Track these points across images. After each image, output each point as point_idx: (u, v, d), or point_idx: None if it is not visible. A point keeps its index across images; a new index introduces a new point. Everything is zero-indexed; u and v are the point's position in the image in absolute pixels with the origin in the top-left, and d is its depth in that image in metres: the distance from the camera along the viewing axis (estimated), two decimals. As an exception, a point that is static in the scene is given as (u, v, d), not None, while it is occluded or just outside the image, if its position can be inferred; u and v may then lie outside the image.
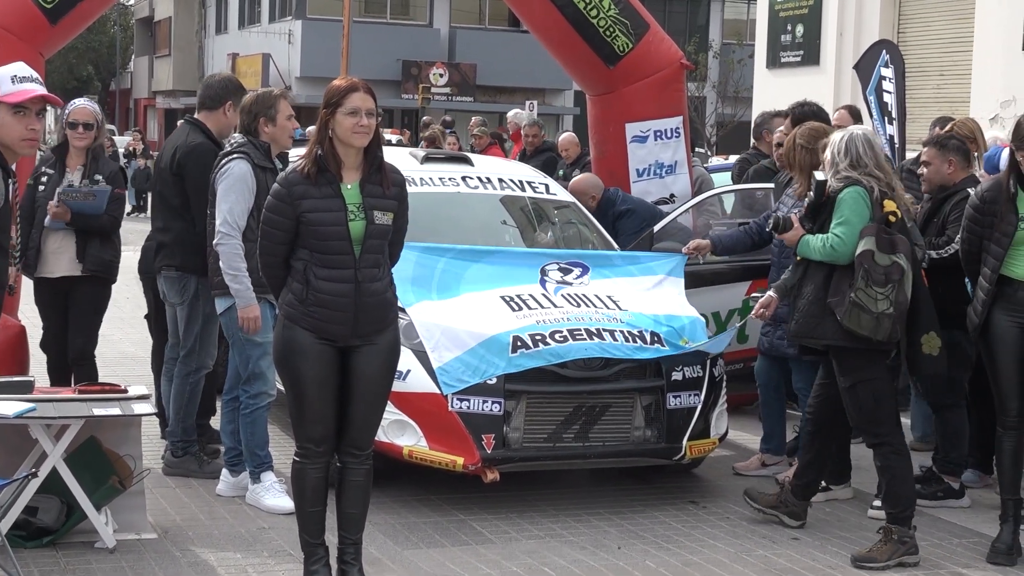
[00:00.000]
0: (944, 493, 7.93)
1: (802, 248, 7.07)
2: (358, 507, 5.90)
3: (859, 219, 6.85)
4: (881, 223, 6.84)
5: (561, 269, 8.17)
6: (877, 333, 6.73)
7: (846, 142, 6.97)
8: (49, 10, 9.64)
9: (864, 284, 6.70)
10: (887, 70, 11.71)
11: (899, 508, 6.92)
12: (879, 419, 6.95)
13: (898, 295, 6.73)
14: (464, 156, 10.19)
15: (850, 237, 6.82)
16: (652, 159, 11.12)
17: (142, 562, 6.37)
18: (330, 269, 5.68)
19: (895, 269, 6.73)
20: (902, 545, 6.83)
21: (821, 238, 6.94)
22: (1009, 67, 14.73)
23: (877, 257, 6.73)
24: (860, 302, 6.71)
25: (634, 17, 10.88)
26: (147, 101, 64.73)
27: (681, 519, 7.49)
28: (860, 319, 6.72)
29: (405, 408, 7.28)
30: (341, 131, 5.67)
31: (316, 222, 5.65)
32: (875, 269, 6.70)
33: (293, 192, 5.67)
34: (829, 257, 6.90)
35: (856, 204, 6.87)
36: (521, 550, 6.82)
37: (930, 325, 7.00)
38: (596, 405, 7.50)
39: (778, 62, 19.21)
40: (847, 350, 6.89)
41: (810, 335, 7.02)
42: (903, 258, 6.78)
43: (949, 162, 7.92)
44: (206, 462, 7.94)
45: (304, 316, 5.70)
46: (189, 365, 7.86)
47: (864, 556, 6.81)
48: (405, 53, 44.60)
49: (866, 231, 6.79)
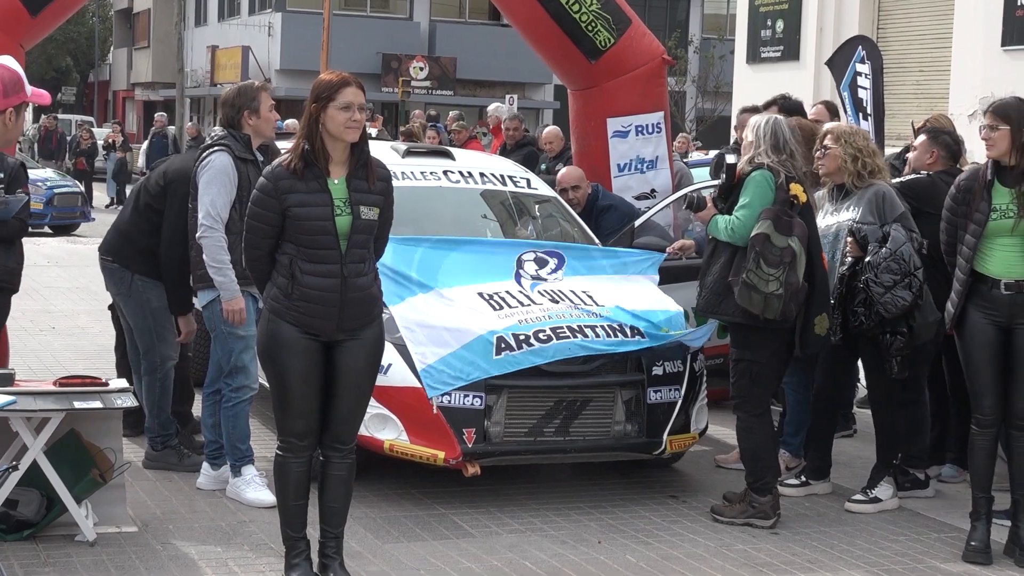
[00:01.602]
0: (911, 484, 8.01)
1: (711, 227, 7.36)
2: (340, 501, 5.90)
3: (761, 202, 7.16)
4: (784, 205, 7.12)
5: (536, 260, 8.16)
6: (766, 312, 7.02)
7: (772, 126, 7.27)
8: (29, 2, 9.60)
9: (755, 265, 7.01)
10: (863, 66, 11.73)
11: (752, 479, 7.33)
12: (750, 397, 7.32)
13: (788, 276, 7.01)
14: (445, 150, 10.18)
15: (749, 220, 7.13)
16: (633, 154, 11.14)
17: (122, 555, 6.36)
18: (316, 264, 5.67)
19: (788, 252, 7.00)
20: (751, 508, 7.28)
21: (725, 219, 7.24)
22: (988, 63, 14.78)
23: (774, 239, 7.02)
24: (751, 282, 7.02)
25: (616, 12, 10.89)
26: (126, 93, 64.48)
27: (661, 513, 7.50)
28: (751, 298, 7.02)
29: (386, 402, 7.28)
30: (333, 126, 5.65)
31: (302, 216, 5.64)
32: (770, 250, 7.00)
33: (279, 186, 5.65)
34: (729, 238, 7.22)
35: (760, 188, 7.18)
36: (502, 544, 6.83)
37: (823, 307, 7.29)
38: (577, 400, 7.51)
39: (758, 57, 19.25)
40: (743, 327, 7.20)
41: (714, 311, 7.35)
42: (796, 241, 7.04)
43: (932, 153, 8.08)
44: (186, 455, 7.93)
45: (289, 310, 5.69)
46: (152, 361, 7.85)
47: (716, 508, 7.41)
48: (385, 46, 44.49)
49: (765, 213, 7.11)
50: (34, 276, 16.66)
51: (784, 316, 7.07)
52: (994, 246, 6.83)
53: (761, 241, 7.01)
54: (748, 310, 7.06)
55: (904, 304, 7.33)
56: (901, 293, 7.31)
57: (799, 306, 7.14)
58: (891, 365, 7.54)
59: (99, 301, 14.65)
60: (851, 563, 6.80)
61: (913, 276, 7.32)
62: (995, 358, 6.89)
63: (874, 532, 7.34)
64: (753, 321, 7.11)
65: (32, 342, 11.99)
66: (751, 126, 7.41)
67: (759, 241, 7.02)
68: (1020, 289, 6.80)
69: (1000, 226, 6.78)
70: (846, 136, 7.75)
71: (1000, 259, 6.82)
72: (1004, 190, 6.80)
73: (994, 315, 6.86)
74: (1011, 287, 6.81)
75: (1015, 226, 6.74)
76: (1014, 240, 6.78)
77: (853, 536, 7.24)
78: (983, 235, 6.81)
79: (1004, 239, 6.80)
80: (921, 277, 7.34)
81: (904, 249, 7.34)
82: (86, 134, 35.15)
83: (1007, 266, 6.82)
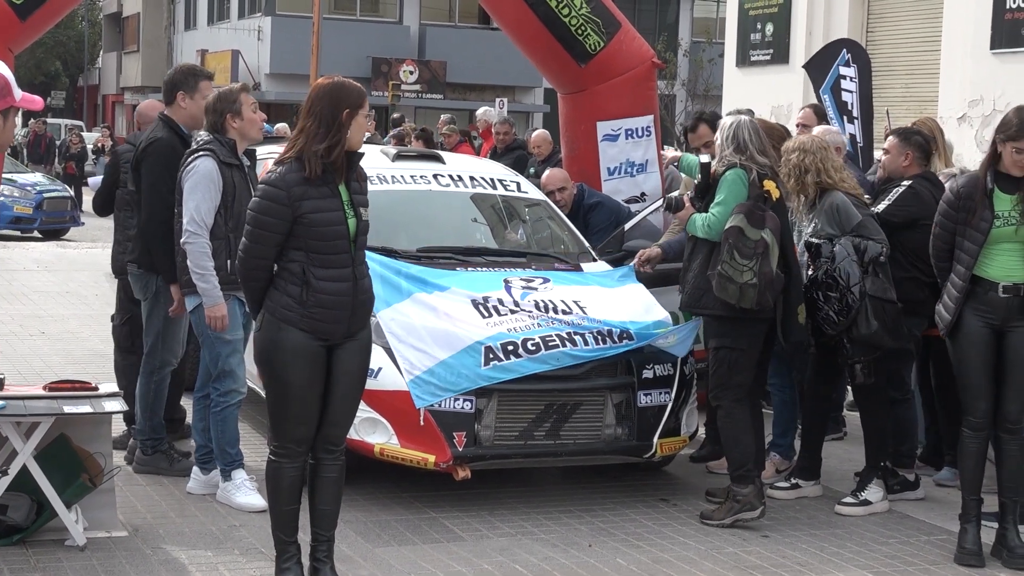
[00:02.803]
0: (900, 486, 8.02)
1: (689, 226, 7.60)
2: (331, 503, 5.90)
3: (735, 199, 7.37)
4: (757, 200, 7.35)
5: (524, 279, 8.14)
6: (743, 301, 7.22)
7: (734, 129, 7.50)
8: (19, 6, 9.60)
9: (729, 257, 7.24)
10: (847, 69, 11.74)
11: (732, 468, 7.43)
12: (728, 386, 7.45)
13: (762, 266, 7.22)
14: (435, 154, 10.17)
15: (724, 215, 7.35)
16: (623, 157, 11.14)
17: (113, 560, 6.35)
18: (330, 269, 5.66)
19: (760, 243, 7.21)
20: (736, 503, 7.34)
21: (702, 216, 7.47)
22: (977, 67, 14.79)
23: (747, 231, 7.23)
24: (726, 273, 7.23)
25: (605, 15, 10.90)
26: (115, 97, 64.40)
27: (652, 517, 7.51)
28: (727, 288, 7.23)
29: (377, 406, 7.28)
30: (358, 133, 5.68)
31: (319, 223, 5.62)
32: (744, 242, 7.22)
33: (293, 193, 5.60)
34: (706, 234, 7.43)
35: (734, 185, 7.40)
36: (493, 548, 6.83)
37: (801, 297, 7.55)
38: (567, 403, 7.51)
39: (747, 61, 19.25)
40: (722, 317, 7.38)
41: (696, 305, 7.54)
42: (769, 233, 7.26)
43: (906, 155, 8.08)
44: (176, 460, 7.92)
45: (304, 317, 5.65)
46: (152, 363, 7.84)
47: (706, 513, 7.46)
48: (375, 50, 44.50)
49: (738, 208, 7.32)
50: (24, 281, 16.64)
51: (760, 305, 7.25)
52: (995, 251, 6.87)
53: (735, 234, 7.24)
54: (726, 301, 7.24)
55: (835, 321, 7.51)
56: (834, 309, 7.50)
57: (775, 295, 7.32)
58: (854, 373, 7.67)
59: (88, 306, 14.67)
60: (841, 566, 6.81)
61: (849, 292, 7.45)
62: (988, 360, 6.91)
63: (864, 535, 7.35)
64: (732, 312, 7.29)
65: (22, 347, 11.97)
66: (719, 129, 7.64)
67: (732, 234, 7.24)
68: (1017, 292, 6.83)
69: (1003, 233, 6.83)
70: (787, 153, 7.82)
71: (1000, 263, 6.86)
72: (1005, 197, 6.84)
73: (989, 317, 6.88)
74: (1009, 290, 6.84)
75: (1017, 231, 6.80)
76: (1014, 245, 6.83)
77: (843, 539, 7.25)
78: (986, 242, 6.84)
79: (1005, 244, 6.84)
80: (857, 292, 7.44)
81: (843, 265, 7.49)
82: (76, 138, 35.12)
83: (1007, 270, 6.86)
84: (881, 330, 7.44)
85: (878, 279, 7.47)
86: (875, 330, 7.43)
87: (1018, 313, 6.84)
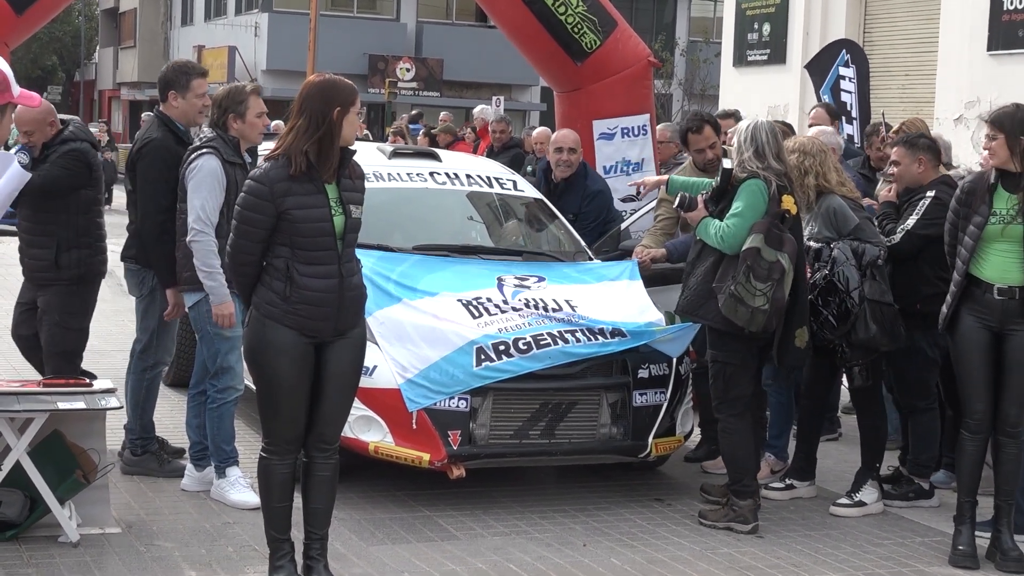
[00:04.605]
0: (915, 494, 7.98)
1: (700, 229, 7.35)
2: (325, 501, 5.89)
3: (753, 213, 7.13)
4: (776, 218, 7.13)
5: (517, 278, 8.13)
6: (751, 325, 7.06)
7: (751, 131, 7.25)
8: (14, 1, 9.58)
9: (745, 279, 7.02)
10: (847, 70, 11.76)
11: (730, 481, 7.38)
12: (726, 399, 7.35)
13: (776, 292, 7.04)
14: (432, 152, 10.17)
15: (740, 229, 7.12)
16: (619, 156, 11.16)
17: (106, 556, 6.34)
18: (315, 266, 5.66)
19: (777, 267, 7.02)
20: (732, 512, 7.32)
21: (716, 224, 7.22)
22: (974, 68, 14.81)
23: (764, 252, 7.03)
24: (739, 295, 7.03)
25: (602, 14, 10.91)
26: (112, 92, 64.29)
27: (646, 516, 7.50)
28: (737, 310, 7.04)
29: (371, 404, 7.27)
30: (349, 130, 5.67)
31: (301, 219, 5.61)
32: (760, 264, 7.01)
33: (275, 189, 5.60)
34: (718, 245, 7.20)
35: (753, 197, 7.15)
36: (487, 547, 6.82)
37: (803, 320, 7.33)
38: (562, 402, 7.50)
39: (745, 60, 19.27)
40: (717, 331, 7.26)
41: (695, 312, 7.36)
42: (786, 258, 7.07)
43: (919, 161, 7.84)
44: (167, 461, 7.87)
45: (288, 314, 5.65)
46: (145, 360, 7.81)
47: (703, 512, 7.46)
48: (372, 47, 44.46)
49: (757, 227, 7.09)
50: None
51: (764, 329, 7.14)
52: (990, 251, 6.84)
53: (752, 255, 7.02)
54: (731, 320, 7.09)
55: (834, 325, 7.47)
56: (833, 314, 7.46)
57: (780, 320, 7.19)
58: (852, 375, 7.66)
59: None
60: (836, 567, 6.80)
61: (848, 296, 7.40)
62: (987, 362, 6.90)
63: (859, 536, 7.35)
64: (728, 327, 7.16)
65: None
66: (736, 132, 7.45)
67: (750, 255, 7.02)
68: (1013, 295, 6.82)
69: (997, 231, 6.79)
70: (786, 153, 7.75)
71: (995, 264, 6.83)
72: (1006, 195, 6.82)
73: (986, 319, 6.87)
74: (1004, 292, 6.83)
75: (1004, 230, 6.76)
76: (1010, 246, 6.80)
77: (838, 540, 7.25)
78: (980, 238, 6.82)
79: (1001, 244, 6.81)
80: (857, 296, 7.38)
81: (842, 270, 7.43)
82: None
83: (1002, 272, 6.83)
84: (879, 333, 7.41)
85: (876, 282, 7.44)
86: (874, 333, 7.40)
87: (1016, 316, 6.82)
